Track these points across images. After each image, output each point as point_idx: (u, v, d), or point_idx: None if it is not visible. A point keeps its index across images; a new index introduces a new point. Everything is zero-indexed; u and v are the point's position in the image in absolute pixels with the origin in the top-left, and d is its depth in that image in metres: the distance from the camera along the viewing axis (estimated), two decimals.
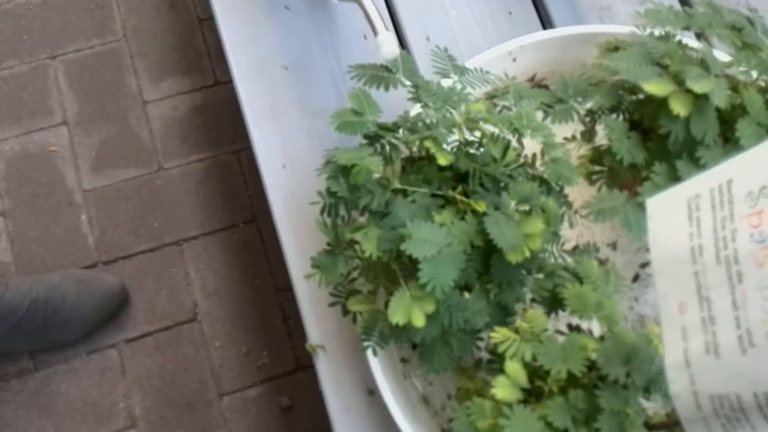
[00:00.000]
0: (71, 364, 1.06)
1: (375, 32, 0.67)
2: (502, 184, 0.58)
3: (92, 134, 1.19)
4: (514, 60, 0.74)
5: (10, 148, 1.18)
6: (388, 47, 0.65)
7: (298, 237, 0.74)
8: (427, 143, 0.58)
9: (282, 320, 1.10)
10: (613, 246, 0.74)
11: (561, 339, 0.57)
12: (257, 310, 1.10)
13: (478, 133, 0.63)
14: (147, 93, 1.22)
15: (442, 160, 0.57)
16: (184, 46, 1.26)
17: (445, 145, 0.62)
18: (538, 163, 0.64)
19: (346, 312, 0.63)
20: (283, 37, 0.82)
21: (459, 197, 0.58)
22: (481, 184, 0.58)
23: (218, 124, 1.21)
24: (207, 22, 1.27)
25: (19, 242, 1.12)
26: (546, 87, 0.76)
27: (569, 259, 0.62)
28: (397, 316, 0.53)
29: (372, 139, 0.62)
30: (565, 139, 0.67)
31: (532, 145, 0.65)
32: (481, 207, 0.55)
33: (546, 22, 0.84)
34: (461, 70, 0.66)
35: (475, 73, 0.66)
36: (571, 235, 0.73)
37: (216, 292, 1.11)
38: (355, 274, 0.64)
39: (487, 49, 0.74)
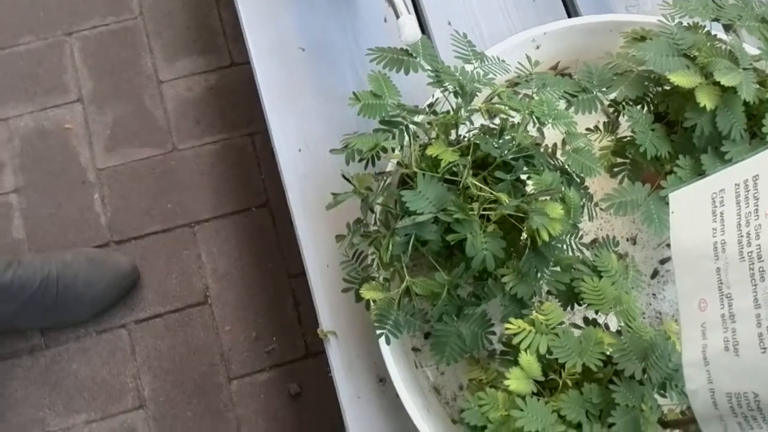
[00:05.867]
0: (82, 342, 1.06)
1: (397, 15, 0.66)
2: (525, 169, 0.57)
3: (107, 112, 1.19)
4: (538, 47, 0.73)
5: (24, 124, 1.17)
6: (409, 30, 0.63)
7: (313, 221, 0.73)
8: (431, 150, 0.57)
9: (293, 306, 1.09)
10: (633, 240, 0.73)
11: (577, 333, 0.57)
12: (268, 295, 1.10)
13: (497, 120, 0.62)
14: (162, 72, 1.21)
15: (447, 157, 0.57)
16: (200, 25, 1.25)
17: (465, 131, 0.61)
18: (558, 153, 0.63)
19: (358, 298, 0.62)
20: (302, 18, 0.81)
21: (479, 185, 0.56)
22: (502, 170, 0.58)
23: (233, 105, 1.20)
24: (224, 1, 1.26)
25: (32, 219, 1.12)
26: (569, 76, 0.75)
27: (587, 253, 0.61)
28: None
29: (390, 124, 0.61)
30: (588, 129, 0.66)
31: (552, 136, 0.63)
32: (504, 198, 0.54)
33: (571, 10, 0.82)
34: (480, 57, 0.64)
35: (494, 60, 0.65)
36: (590, 228, 0.72)
37: (227, 276, 1.11)
38: (368, 261, 0.64)
39: (510, 36, 0.73)
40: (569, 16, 0.81)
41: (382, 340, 0.60)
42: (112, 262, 1.05)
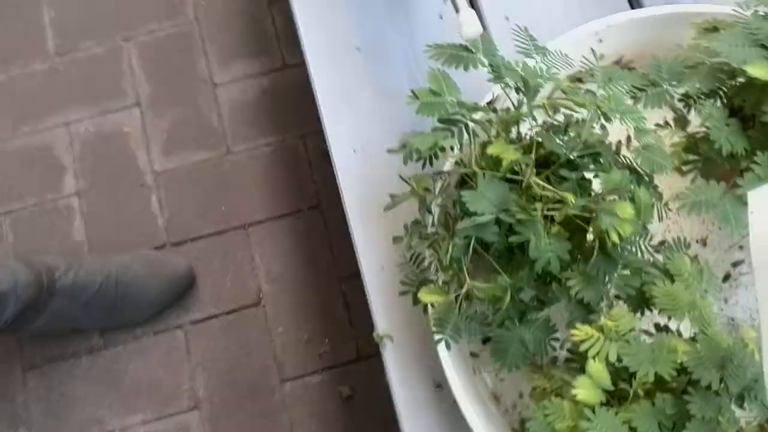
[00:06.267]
0: (139, 343, 1.07)
1: (456, 10, 0.64)
2: (591, 167, 0.54)
3: (164, 116, 1.20)
4: (601, 41, 0.70)
5: (85, 129, 1.20)
6: (469, 26, 0.62)
7: (368, 223, 0.72)
8: (492, 148, 0.55)
9: (344, 308, 1.09)
10: (703, 242, 0.69)
11: (647, 340, 0.54)
12: (320, 297, 1.10)
13: (560, 117, 0.59)
14: (217, 76, 1.22)
15: (510, 156, 0.54)
16: (254, 29, 1.26)
17: (527, 129, 0.58)
18: (624, 150, 0.60)
19: (416, 301, 0.60)
20: (356, 17, 0.80)
21: (543, 184, 0.54)
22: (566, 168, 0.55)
23: (285, 108, 1.21)
24: (277, 5, 1.26)
25: (92, 222, 1.15)
26: (634, 70, 0.72)
27: (657, 255, 0.58)
28: None
29: (448, 122, 0.60)
30: (657, 125, 0.63)
31: (615, 132, 0.61)
32: (571, 197, 0.51)
33: (633, 1, 0.79)
34: (542, 51, 0.62)
35: (557, 55, 0.62)
36: (657, 229, 0.68)
37: (280, 278, 1.11)
38: (426, 263, 0.62)
39: (569, 29, 0.70)
40: (632, 7, 0.78)
41: (441, 345, 0.58)
42: (170, 264, 1.06)
